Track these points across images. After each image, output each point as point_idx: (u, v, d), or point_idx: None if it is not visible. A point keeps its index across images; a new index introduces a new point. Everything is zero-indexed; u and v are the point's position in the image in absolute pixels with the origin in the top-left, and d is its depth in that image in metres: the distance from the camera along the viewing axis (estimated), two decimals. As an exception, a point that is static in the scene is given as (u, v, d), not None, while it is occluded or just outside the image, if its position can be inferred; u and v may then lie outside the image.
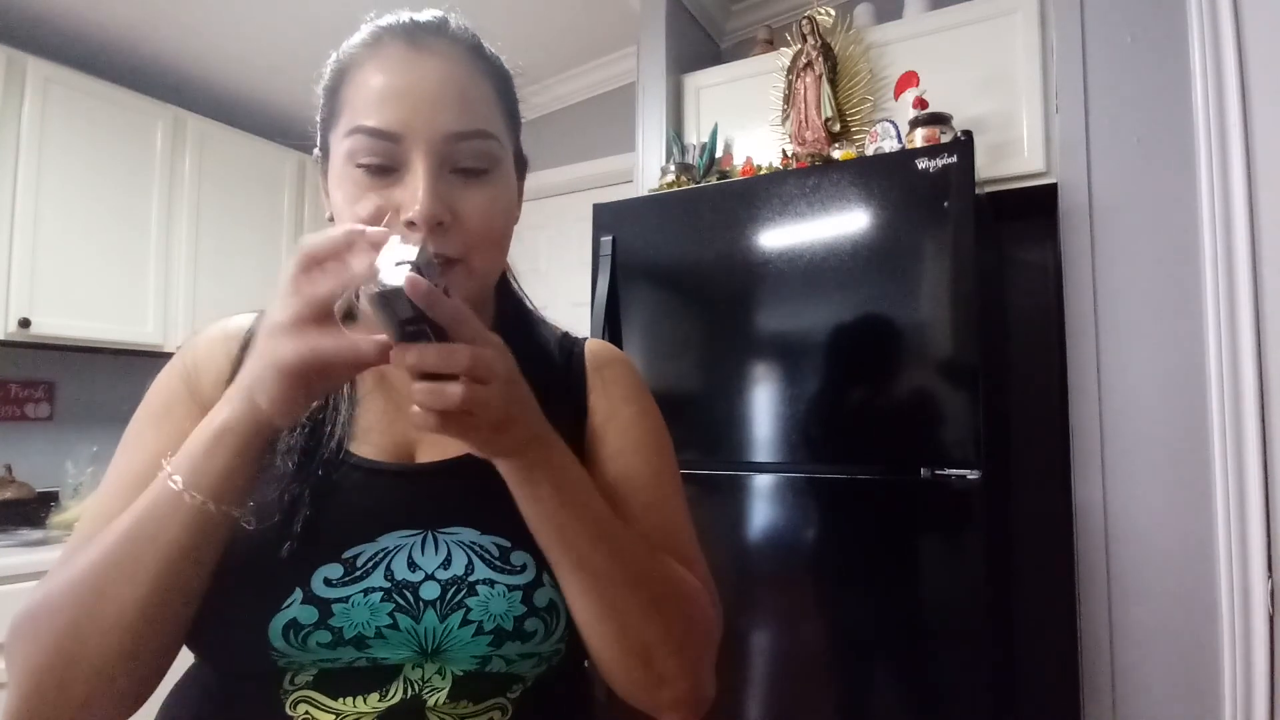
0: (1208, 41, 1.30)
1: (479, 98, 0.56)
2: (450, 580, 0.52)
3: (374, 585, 0.51)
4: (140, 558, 0.46)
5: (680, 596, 0.57)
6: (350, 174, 0.53)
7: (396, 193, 0.52)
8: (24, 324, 1.94)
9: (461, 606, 0.52)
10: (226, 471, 0.46)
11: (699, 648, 0.57)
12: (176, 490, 0.45)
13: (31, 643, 0.46)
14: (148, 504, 0.47)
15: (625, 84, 2.51)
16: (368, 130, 0.52)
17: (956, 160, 1.35)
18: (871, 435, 1.41)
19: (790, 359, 1.49)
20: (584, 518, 0.51)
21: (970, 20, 1.70)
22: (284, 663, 0.50)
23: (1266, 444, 1.21)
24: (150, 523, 0.46)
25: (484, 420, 0.44)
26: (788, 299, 1.49)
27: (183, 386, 0.58)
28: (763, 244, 1.53)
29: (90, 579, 0.46)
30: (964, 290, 1.32)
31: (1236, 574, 1.23)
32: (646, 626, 0.53)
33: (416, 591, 0.52)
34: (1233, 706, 1.23)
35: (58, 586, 0.47)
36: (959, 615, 1.28)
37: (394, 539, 0.53)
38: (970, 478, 1.28)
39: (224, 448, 0.46)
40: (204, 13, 2.19)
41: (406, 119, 0.52)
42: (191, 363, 0.59)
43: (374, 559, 0.52)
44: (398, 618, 0.51)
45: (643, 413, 0.65)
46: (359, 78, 0.54)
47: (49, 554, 1.81)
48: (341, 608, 0.50)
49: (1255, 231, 1.22)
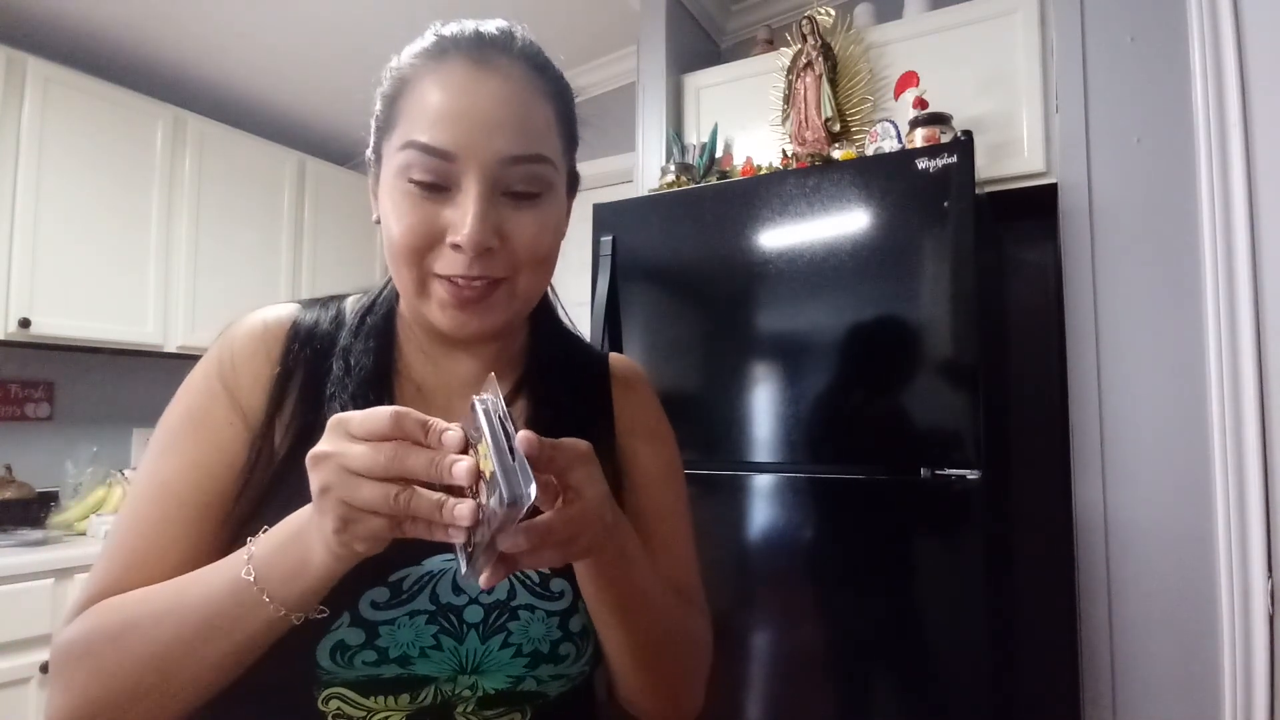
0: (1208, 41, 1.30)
1: (538, 120, 0.55)
2: (493, 605, 0.54)
3: (420, 609, 0.52)
4: (215, 644, 0.47)
5: (698, 642, 0.63)
6: (401, 187, 0.52)
7: (446, 212, 0.52)
8: (24, 324, 1.95)
9: (503, 630, 0.54)
10: (311, 595, 0.46)
11: (702, 675, 0.64)
12: (258, 598, 0.45)
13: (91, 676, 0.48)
14: (225, 596, 0.46)
15: (625, 84, 2.51)
16: (422, 146, 0.51)
17: (956, 160, 1.35)
18: (871, 435, 1.40)
19: (790, 359, 1.49)
20: (641, 592, 0.54)
21: (970, 20, 1.70)
22: (326, 677, 0.51)
23: (1266, 444, 1.21)
24: (227, 619, 0.46)
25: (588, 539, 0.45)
26: (787, 299, 1.49)
27: (221, 389, 0.57)
28: (763, 244, 1.53)
29: (161, 649, 0.47)
30: (964, 290, 1.32)
31: (1236, 574, 1.23)
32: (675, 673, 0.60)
33: (460, 615, 0.53)
34: (1233, 706, 1.23)
35: (127, 638, 0.48)
36: (959, 615, 1.28)
37: (438, 562, 0.54)
38: (970, 478, 1.28)
39: (311, 578, 0.45)
40: (204, 13, 2.19)
41: (463, 140, 0.51)
42: (229, 361, 0.58)
43: (419, 582, 0.53)
44: (441, 639, 0.52)
45: (666, 439, 0.69)
46: (419, 90, 0.53)
47: (49, 554, 1.82)
48: (387, 629, 0.51)
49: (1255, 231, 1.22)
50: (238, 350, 0.58)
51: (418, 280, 0.53)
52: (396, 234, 0.52)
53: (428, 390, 0.61)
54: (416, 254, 0.52)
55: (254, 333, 0.59)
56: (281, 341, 0.59)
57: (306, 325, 0.60)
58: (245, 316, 0.61)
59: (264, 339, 0.59)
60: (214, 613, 0.46)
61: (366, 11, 2.20)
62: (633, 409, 0.67)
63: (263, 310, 0.61)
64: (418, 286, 0.54)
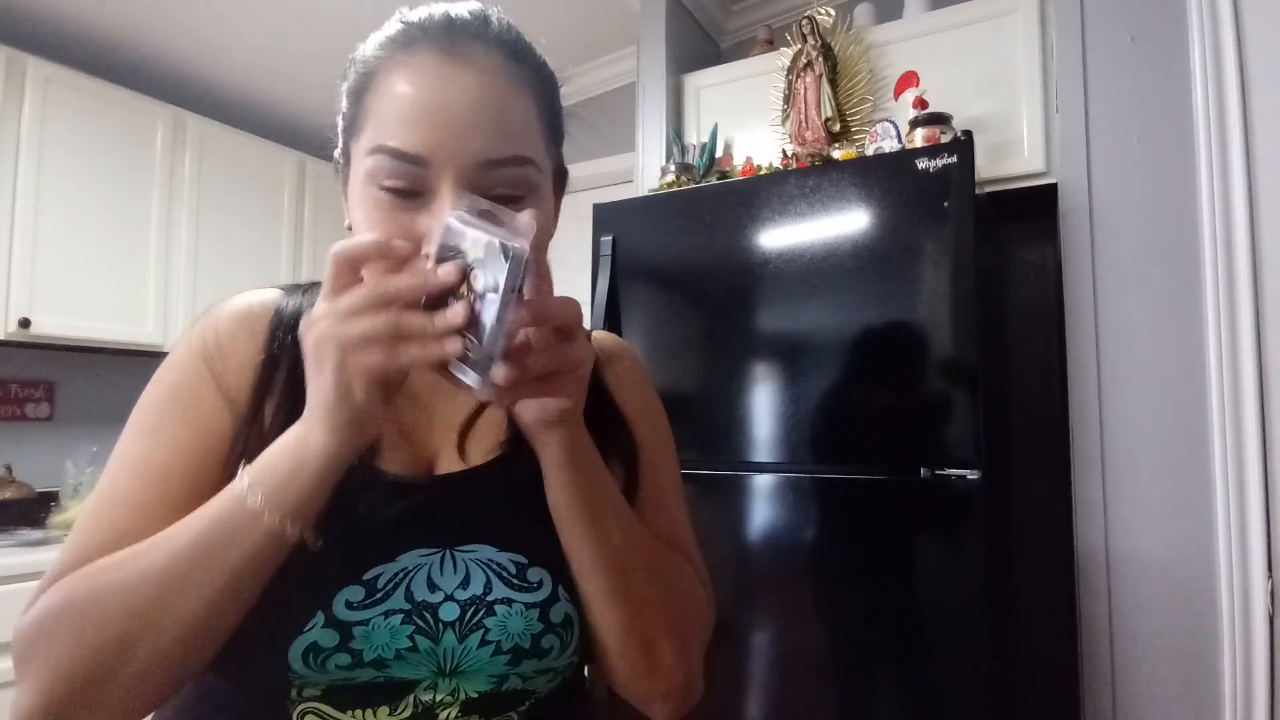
0: (1208, 41, 1.30)
1: (517, 117, 0.51)
2: (469, 600, 0.52)
3: (394, 607, 0.50)
4: (209, 569, 0.44)
5: (682, 588, 0.59)
6: (372, 195, 0.49)
7: (421, 220, 0.48)
8: (24, 324, 1.94)
9: (480, 627, 0.51)
10: (309, 496, 0.44)
11: (695, 639, 0.58)
12: (255, 508, 0.44)
13: (70, 643, 0.44)
14: (219, 515, 0.45)
15: (625, 84, 2.51)
16: (391, 151, 0.47)
17: (956, 160, 1.35)
18: (871, 435, 1.40)
19: (790, 359, 1.49)
20: (610, 499, 0.53)
21: (970, 20, 1.70)
22: (299, 682, 0.49)
23: (1266, 444, 1.21)
24: (223, 536, 0.44)
25: (576, 380, 0.45)
26: (787, 299, 1.49)
27: (205, 369, 0.54)
28: (763, 244, 1.53)
29: (150, 587, 0.44)
30: (964, 290, 1.32)
31: (1236, 574, 1.23)
32: (652, 614, 0.54)
33: (436, 613, 0.51)
34: (1233, 706, 1.23)
35: (108, 588, 0.45)
36: (959, 615, 1.28)
37: (413, 558, 0.52)
38: (970, 478, 1.28)
39: (309, 475, 0.44)
40: (204, 13, 2.19)
41: (435, 142, 0.47)
42: (214, 342, 0.55)
43: (394, 579, 0.51)
44: (417, 639, 0.50)
45: (654, 408, 0.67)
46: (386, 85, 0.49)
47: (49, 554, 1.81)
48: (362, 630, 0.49)
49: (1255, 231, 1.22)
50: (223, 332, 0.56)
51: None
52: None
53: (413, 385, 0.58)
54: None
55: (239, 315, 0.57)
56: (266, 326, 0.56)
57: (290, 311, 0.58)
58: (227, 299, 0.59)
59: (247, 319, 0.56)
60: (206, 537, 0.44)
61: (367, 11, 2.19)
62: (617, 379, 0.65)
63: (245, 294, 0.59)
64: None
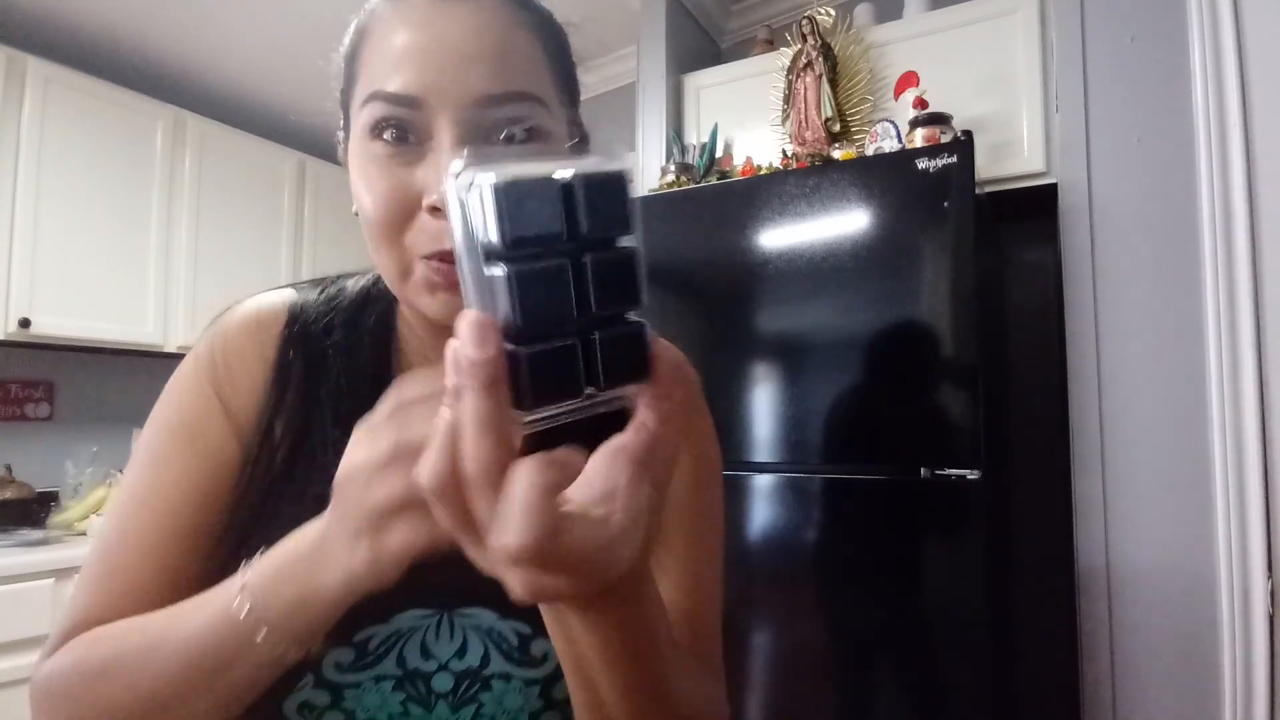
0: (1208, 41, 1.30)
1: (520, 53, 0.45)
2: (465, 673, 0.48)
3: (385, 673, 0.47)
4: (208, 688, 0.41)
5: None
6: (367, 150, 0.44)
7: (419, 172, 0.43)
8: (24, 324, 1.95)
9: (475, 701, 0.48)
10: (318, 627, 0.39)
11: None
12: (249, 636, 0.39)
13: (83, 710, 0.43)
14: (219, 634, 0.40)
15: (625, 84, 2.51)
16: (384, 96, 0.43)
17: (956, 160, 1.35)
18: (872, 435, 1.41)
19: (790, 359, 1.49)
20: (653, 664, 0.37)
21: (970, 20, 1.70)
22: None
23: (1266, 444, 1.21)
24: (221, 658, 0.40)
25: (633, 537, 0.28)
26: (788, 299, 1.49)
27: (211, 393, 0.51)
28: (763, 244, 1.53)
29: (143, 701, 0.41)
30: (964, 290, 1.32)
31: (1236, 574, 1.23)
32: None
33: (429, 682, 0.48)
34: (1233, 706, 1.23)
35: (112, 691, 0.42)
36: (959, 615, 1.28)
37: (408, 619, 0.48)
38: (970, 478, 1.28)
39: (320, 605, 0.37)
40: (204, 13, 2.19)
41: (429, 80, 0.42)
42: (222, 362, 0.52)
43: (386, 642, 0.48)
44: (409, 707, 0.48)
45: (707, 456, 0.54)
46: (378, 36, 0.45)
47: (49, 554, 1.81)
48: (353, 693, 0.47)
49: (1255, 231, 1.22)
50: (230, 350, 0.52)
51: (399, 262, 0.45)
52: (368, 207, 0.44)
53: None
54: (392, 229, 0.44)
55: (247, 327, 0.53)
56: (277, 336, 0.53)
57: (303, 315, 0.54)
58: (236, 306, 0.55)
59: (257, 333, 0.53)
60: (204, 651, 0.40)
61: (366, 11, 2.20)
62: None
63: (256, 299, 0.55)
64: (400, 270, 0.45)
